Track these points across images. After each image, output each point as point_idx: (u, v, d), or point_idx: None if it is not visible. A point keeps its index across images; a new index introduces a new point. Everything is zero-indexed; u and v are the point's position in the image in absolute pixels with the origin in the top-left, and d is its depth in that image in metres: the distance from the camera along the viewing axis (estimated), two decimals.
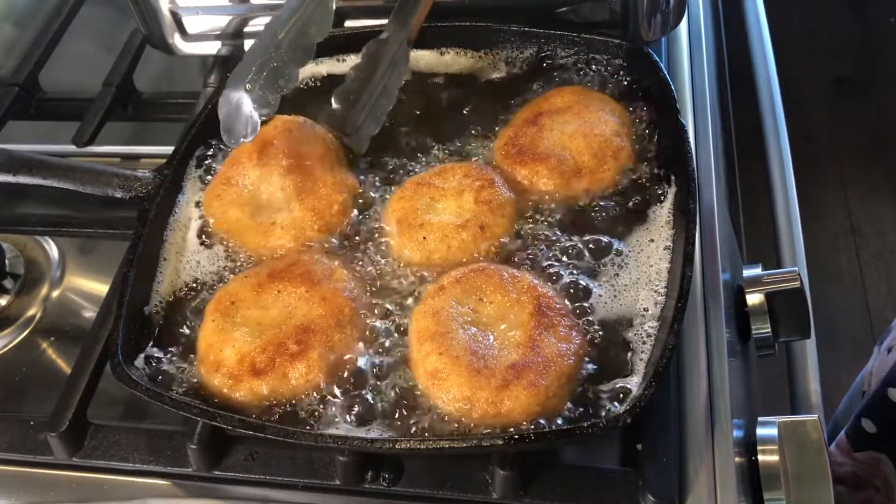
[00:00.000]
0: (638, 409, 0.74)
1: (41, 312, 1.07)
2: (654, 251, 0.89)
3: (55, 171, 1.01)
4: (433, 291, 0.87)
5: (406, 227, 0.93)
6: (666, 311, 0.83)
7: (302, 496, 0.83)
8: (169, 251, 0.96)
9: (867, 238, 2.77)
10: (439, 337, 0.82)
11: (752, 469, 0.84)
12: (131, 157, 1.20)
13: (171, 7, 1.18)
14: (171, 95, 1.26)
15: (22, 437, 0.88)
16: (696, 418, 0.82)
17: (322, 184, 0.97)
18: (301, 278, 0.89)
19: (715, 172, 1.03)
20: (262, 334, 0.85)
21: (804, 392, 1.10)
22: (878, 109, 3.04)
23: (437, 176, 0.97)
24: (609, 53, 1.06)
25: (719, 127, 1.16)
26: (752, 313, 0.99)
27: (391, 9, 1.13)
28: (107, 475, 0.86)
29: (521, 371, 0.79)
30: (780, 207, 1.27)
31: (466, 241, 0.91)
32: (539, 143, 0.98)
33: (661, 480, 0.77)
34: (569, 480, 0.79)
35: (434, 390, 0.81)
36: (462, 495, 0.80)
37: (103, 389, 0.90)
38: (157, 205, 0.97)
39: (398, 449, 0.78)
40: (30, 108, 1.26)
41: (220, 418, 0.79)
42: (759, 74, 1.44)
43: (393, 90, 1.03)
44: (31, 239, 1.14)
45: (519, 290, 0.86)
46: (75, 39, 1.35)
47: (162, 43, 1.23)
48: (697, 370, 0.85)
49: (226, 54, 1.22)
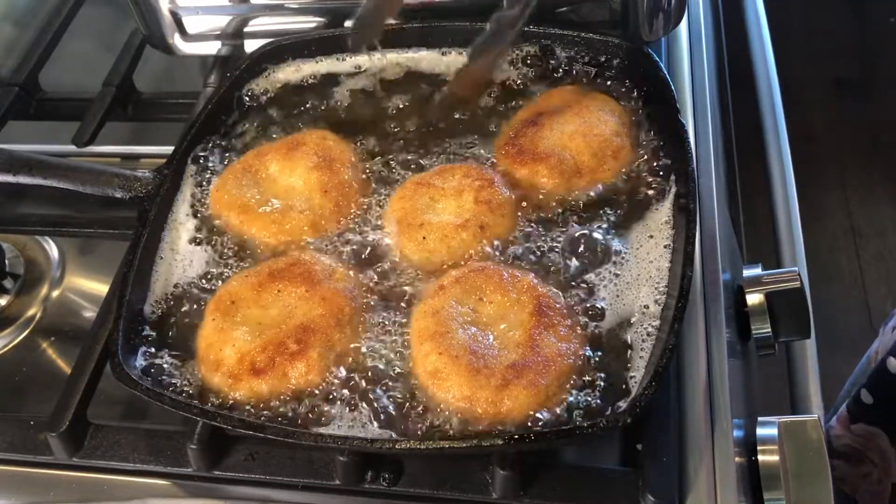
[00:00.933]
0: (638, 408, 0.74)
1: (41, 312, 1.07)
2: (654, 251, 0.89)
3: (55, 171, 1.01)
4: (433, 291, 0.87)
5: (406, 227, 0.93)
6: (666, 310, 0.83)
7: (302, 496, 0.83)
8: (168, 251, 0.96)
9: (867, 238, 2.77)
10: (439, 336, 0.82)
11: (752, 469, 0.84)
12: (131, 157, 1.20)
13: (171, 7, 1.18)
14: (171, 95, 1.26)
15: (22, 437, 0.88)
16: (696, 418, 0.82)
17: (346, 185, 0.98)
18: (301, 278, 0.89)
19: (715, 172, 1.03)
20: (262, 334, 0.85)
21: (804, 392, 1.10)
22: (878, 110, 3.04)
23: (437, 176, 0.97)
24: (609, 53, 1.06)
25: (719, 127, 1.16)
26: (752, 313, 0.99)
27: None
28: (107, 475, 0.86)
29: (520, 370, 0.79)
30: (780, 207, 1.27)
31: (466, 241, 0.91)
32: (539, 143, 0.98)
33: (661, 480, 0.77)
34: (569, 480, 0.79)
35: (434, 390, 0.81)
36: (462, 495, 0.80)
37: (103, 389, 0.90)
38: (157, 205, 0.97)
39: (398, 449, 0.78)
40: (30, 108, 1.26)
41: (220, 418, 0.79)
42: (759, 74, 1.43)
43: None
44: (31, 239, 1.14)
45: (519, 289, 0.86)
46: (75, 39, 1.35)
47: (162, 43, 1.23)
48: (697, 370, 0.85)
49: (226, 54, 1.22)
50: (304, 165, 0.99)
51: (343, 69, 1.12)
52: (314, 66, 1.13)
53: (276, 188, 1.00)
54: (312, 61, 1.13)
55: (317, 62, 1.13)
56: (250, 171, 1.01)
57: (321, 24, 1.17)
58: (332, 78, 1.12)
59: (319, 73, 1.13)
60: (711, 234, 0.96)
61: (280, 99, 1.11)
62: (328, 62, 1.13)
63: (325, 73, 1.13)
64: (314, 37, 1.13)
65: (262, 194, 0.99)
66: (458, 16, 1.11)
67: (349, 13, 1.16)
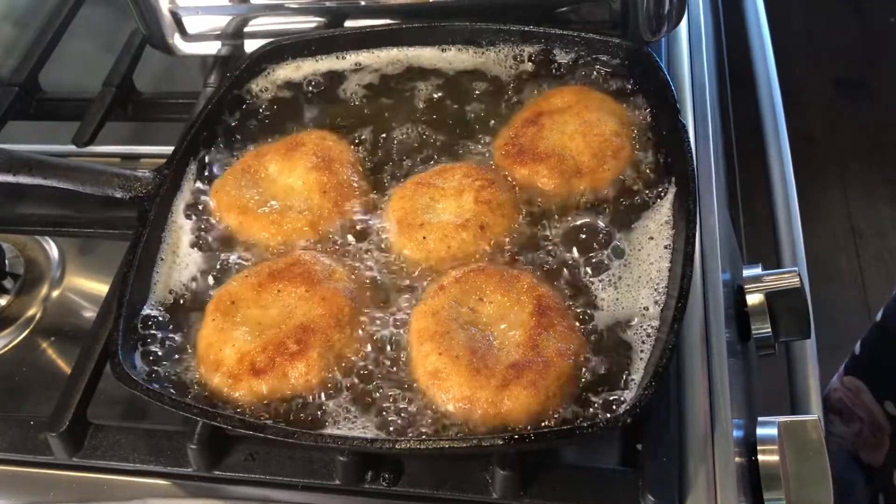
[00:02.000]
0: (638, 408, 0.74)
1: (41, 312, 1.07)
2: (654, 251, 0.89)
3: (55, 171, 1.01)
4: (433, 291, 0.87)
5: (406, 227, 0.93)
6: (666, 310, 0.83)
7: (302, 496, 0.83)
8: (168, 251, 0.96)
9: (867, 238, 2.77)
10: (439, 337, 0.82)
11: (752, 469, 0.84)
12: (131, 157, 1.20)
13: (171, 7, 1.18)
14: (171, 95, 1.26)
15: (22, 437, 0.88)
16: (696, 418, 0.82)
17: (345, 185, 0.98)
18: (301, 278, 0.89)
19: (715, 172, 1.03)
20: (262, 334, 0.85)
21: (804, 392, 1.10)
22: (878, 109, 3.04)
23: (437, 175, 0.97)
24: (609, 53, 1.06)
25: (719, 127, 1.16)
26: (752, 313, 0.99)
27: (391, 9, 1.13)
28: (107, 475, 0.86)
29: (521, 371, 0.79)
30: (780, 207, 1.27)
31: (466, 241, 0.91)
32: (539, 143, 0.98)
33: (661, 480, 0.77)
34: (569, 480, 0.79)
35: (434, 390, 0.81)
36: (462, 495, 0.80)
37: (103, 389, 0.90)
38: (157, 205, 0.97)
39: (398, 449, 0.78)
40: (30, 108, 1.26)
41: (220, 418, 0.79)
42: (759, 74, 1.43)
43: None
44: (31, 239, 1.14)
45: (519, 289, 0.86)
46: (75, 39, 1.35)
47: (162, 43, 1.23)
48: (697, 370, 0.86)
49: (226, 54, 1.22)
50: (304, 166, 0.99)
51: (343, 68, 1.12)
52: (314, 66, 1.13)
53: (275, 188, 1.00)
54: (312, 61, 1.13)
55: (316, 61, 1.13)
56: (249, 171, 1.01)
57: (321, 24, 1.17)
58: (333, 77, 1.12)
59: (319, 73, 1.13)
60: (711, 234, 0.97)
61: (280, 99, 1.11)
62: (328, 61, 1.13)
63: (325, 73, 1.13)
64: (314, 37, 1.13)
65: (262, 195, 0.99)
66: (458, 16, 1.11)
67: (349, 13, 1.16)
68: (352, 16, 1.17)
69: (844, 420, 1.40)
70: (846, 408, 1.39)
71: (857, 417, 1.38)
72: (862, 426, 1.37)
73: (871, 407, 1.34)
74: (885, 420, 1.34)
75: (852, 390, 1.37)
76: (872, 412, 1.35)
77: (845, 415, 1.40)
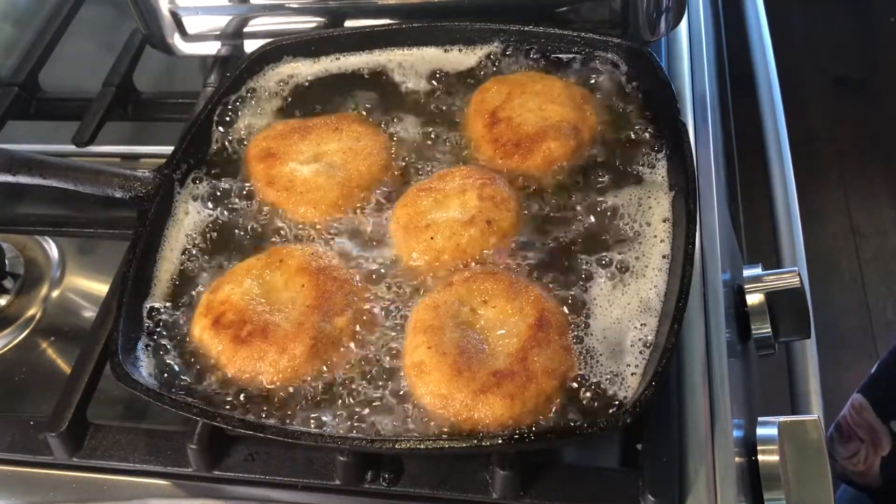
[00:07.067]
0: (638, 409, 0.74)
1: (41, 312, 1.07)
2: (654, 250, 0.89)
3: (55, 171, 1.01)
4: (441, 287, 0.87)
5: (413, 230, 0.92)
6: (666, 310, 0.83)
7: (302, 496, 0.83)
8: (168, 250, 0.96)
9: (867, 238, 2.77)
10: (433, 330, 0.82)
11: (752, 469, 0.84)
12: (131, 157, 1.20)
13: (170, 7, 1.18)
14: (171, 95, 1.26)
15: (22, 437, 0.88)
16: (696, 418, 0.82)
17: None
18: (305, 270, 0.89)
19: (715, 172, 1.03)
20: (268, 313, 0.86)
21: (804, 392, 1.10)
22: (878, 109, 3.04)
23: (438, 180, 0.97)
24: (609, 53, 1.06)
25: (719, 127, 1.16)
26: (752, 313, 0.99)
27: (391, 9, 1.13)
28: (107, 475, 0.86)
29: (501, 380, 0.78)
30: (780, 207, 1.27)
31: (475, 237, 0.91)
32: (518, 129, 0.98)
33: (661, 480, 0.77)
34: (569, 480, 0.79)
35: (414, 380, 0.81)
36: (462, 495, 0.80)
37: (103, 389, 0.90)
38: (157, 205, 0.97)
39: (398, 449, 0.78)
40: (30, 108, 1.26)
41: (220, 418, 0.79)
42: (759, 74, 1.44)
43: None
44: (31, 239, 1.14)
45: (525, 300, 0.84)
46: (75, 39, 1.35)
47: (162, 43, 1.23)
48: (697, 370, 0.86)
49: (226, 54, 1.22)
50: (350, 136, 1.02)
51: (343, 67, 1.12)
52: (314, 66, 1.13)
53: (317, 152, 1.02)
54: (312, 61, 1.13)
55: (316, 61, 1.13)
56: (290, 137, 1.03)
57: (321, 24, 1.17)
58: (333, 77, 1.12)
59: (319, 73, 1.13)
60: (711, 234, 0.96)
61: (280, 98, 1.11)
62: (328, 61, 1.13)
63: (325, 73, 1.13)
64: (314, 37, 1.13)
65: (308, 155, 1.01)
66: (458, 16, 1.11)
67: (349, 13, 1.16)
68: (351, 16, 1.17)
69: (843, 440, 1.39)
70: (848, 427, 1.38)
71: (856, 437, 1.37)
72: (860, 446, 1.36)
73: (876, 426, 1.33)
74: (887, 440, 1.33)
75: (857, 410, 1.36)
76: (875, 430, 1.34)
77: (844, 433, 1.39)
